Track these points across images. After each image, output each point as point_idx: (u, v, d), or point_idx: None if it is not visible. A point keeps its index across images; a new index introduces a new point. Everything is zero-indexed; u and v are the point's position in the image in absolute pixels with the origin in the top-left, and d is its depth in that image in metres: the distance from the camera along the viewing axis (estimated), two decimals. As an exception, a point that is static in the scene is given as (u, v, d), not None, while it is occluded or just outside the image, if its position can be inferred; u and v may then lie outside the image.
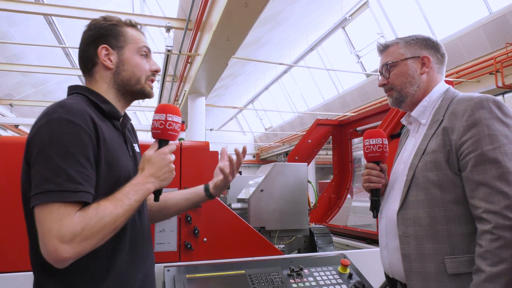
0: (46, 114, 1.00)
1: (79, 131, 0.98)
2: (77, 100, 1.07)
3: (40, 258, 0.95)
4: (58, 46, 9.23)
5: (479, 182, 1.15)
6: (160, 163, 1.10)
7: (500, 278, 1.07)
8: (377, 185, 1.46)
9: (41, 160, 0.95)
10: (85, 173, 0.97)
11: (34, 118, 4.85)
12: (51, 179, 0.92)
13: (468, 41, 8.38)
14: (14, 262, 1.46)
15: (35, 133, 0.99)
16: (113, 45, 1.17)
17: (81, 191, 0.95)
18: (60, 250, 0.89)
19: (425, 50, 1.41)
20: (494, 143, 1.14)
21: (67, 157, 0.95)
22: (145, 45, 1.22)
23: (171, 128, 1.14)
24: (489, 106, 1.19)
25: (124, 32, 1.19)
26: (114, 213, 0.97)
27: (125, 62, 1.18)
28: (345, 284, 1.65)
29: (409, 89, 1.41)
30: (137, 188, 1.04)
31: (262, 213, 2.01)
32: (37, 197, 0.92)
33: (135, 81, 1.19)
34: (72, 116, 0.98)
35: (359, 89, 12.52)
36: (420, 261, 1.25)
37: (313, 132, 3.26)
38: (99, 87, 1.17)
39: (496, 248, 1.08)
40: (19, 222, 1.45)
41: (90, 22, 1.20)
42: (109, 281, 1.05)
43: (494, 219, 1.10)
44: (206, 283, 1.54)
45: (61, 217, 0.91)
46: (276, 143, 19.83)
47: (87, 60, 1.18)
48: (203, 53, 6.05)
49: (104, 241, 0.98)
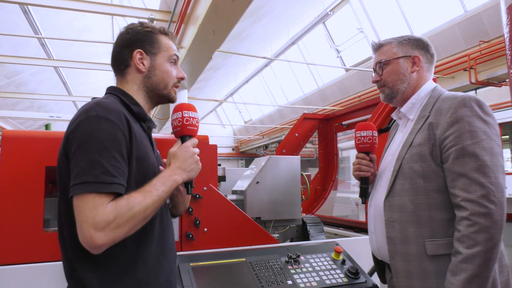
0: (84, 111, 1.07)
1: (115, 128, 1.05)
2: (112, 100, 1.14)
3: (77, 244, 1.01)
4: (34, 37, 8.93)
5: (459, 173, 1.27)
6: (185, 155, 1.17)
7: (475, 259, 1.19)
8: (366, 174, 1.58)
9: (80, 154, 1.01)
10: (118, 166, 1.03)
11: (7, 110, 4.76)
12: (89, 171, 0.99)
13: (443, 38, 8.68)
14: (25, 254, 1.49)
15: (74, 129, 1.05)
16: (148, 51, 1.24)
17: (115, 183, 1.01)
18: (94, 237, 0.96)
19: (416, 50, 1.52)
20: (474, 138, 1.26)
21: (103, 151, 1.01)
22: (175, 53, 1.30)
23: (189, 123, 1.21)
24: (471, 104, 1.31)
25: (159, 40, 1.26)
26: (143, 203, 1.04)
27: (157, 68, 1.25)
28: (339, 269, 1.76)
29: (400, 86, 1.51)
30: (165, 180, 1.11)
31: (258, 204, 2.09)
32: (75, 187, 0.99)
33: (163, 86, 1.27)
34: (108, 114, 1.05)
35: (338, 83, 12.74)
36: (404, 243, 1.37)
37: (300, 126, 3.35)
38: (129, 88, 1.24)
39: (472, 233, 1.21)
40: (25, 213, 1.50)
41: (128, 26, 1.27)
42: (139, 271, 1.12)
43: (471, 207, 1.22)
44: (211, 271, 1.61)
45: (96, 206, 0.98)
46: (256, 136, 19.93)
47: (121, 61, 1.25)
48: (187, 46, 6.04)
49: (135, 229, 1.05)
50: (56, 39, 9.26)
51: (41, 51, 10.18)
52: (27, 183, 1.52)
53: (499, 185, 1.23)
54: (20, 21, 9.03)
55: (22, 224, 1.49)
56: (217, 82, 16.55)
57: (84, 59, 10.94)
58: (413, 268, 1.34)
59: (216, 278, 1.59)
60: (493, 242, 1.19)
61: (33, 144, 1.55)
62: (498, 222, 1.20)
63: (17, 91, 13.00)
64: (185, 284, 1.50)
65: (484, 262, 1.19)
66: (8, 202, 1.50)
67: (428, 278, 1.31)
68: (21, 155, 1.54)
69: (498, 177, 1.23)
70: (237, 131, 22.60)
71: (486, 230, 1.19)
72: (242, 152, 22.73)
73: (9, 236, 1.48)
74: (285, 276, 1.64)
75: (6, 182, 1.50)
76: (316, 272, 1.71)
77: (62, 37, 9.78)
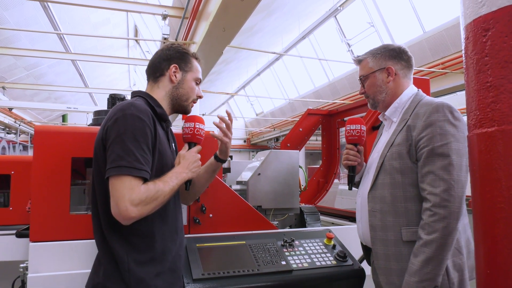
0: (121, 110, 1.32)
1: (145, 126, 1.31)
2: (141, 102, 1.41)
3: (108, 217, 1.28)
4: (53, 32, 9.24)
5: (428, 170, 1.45)
6: (191, 159, 1.44)
7: (432, 243, 1.39)
8: (353, 163, 1.78)
9: (117, 143, 1.26)
10: (146, 157, 1.29)
11: (27, 101, 5.25)
12: (124, 157, 1.25)
13: (454, 33, 8.66)
14: (54, 233, 1.72)
15: (113, 123, 1.30)
16: (182, 67, 1.53)
17: (144, 170, 1.27)
18: (129, 210, 1.22)
19: (389, 61, 1.68)
20: (443, 140, 1.44)
21: (135, 143, 1.27)
22: (200, 77, 1.58)
23: (198, 133, 1.50)
24: (443, 110, 1.49)
25: (192, 61, 1.56)
26: (164, 189, 1.31)
27: (185, 82, 1.54)
28: (329, 253, 1.95)
29: (379, 96, 1.70)
30: (177, 175, 1.38)
31: (259, 194, 2.30)
32: (112, 170, 1.25)
33: (186, 98, 1.55)
34: (140, 114, 1.31)
35: (349, 77, 12.77)
36: (383, 230, 1.56)
37: (304, 121, 3.51)
38: (158, 93, 1.51)
39: (432, 222, 1.40)
40: (55, 198, 1.72)
41: (169, 44, 1.56)
42: (156, 242, 1.38)
43: (434, 199, 1.41)
44: (213, 251, 1.83)
45: (133, 186, 1.23)
46: (267, 128, 20.07)
47: (158, 70, 1.52)
48: (199, 41, 6.23)
49: (156, 209, 1.31)
50: (73, 34, 9.56)
51: (59, 44, 10.49)
52: (56, 172, 1.73)
53: (460, 182, 1.41)
54: (40, 15, 9.35)
55: (52, 207, 1.72)
56: (229, 75, 16.73)
57: (100, 52, 11.24)
58: (391, 252, 1.53)
59: (219, 257, 1.81)
60: (448, 230, 1.38)
61: (61, 137, 1.76)
62: (454, 214, 1.39)
63: (36, 83, 13.43)
64: (192, 261, 1.72)
65: (440, 246, 1.38)
66: (41, 188, 1.71)
67: (403, 261, 1.50)
68: (51, 147, 1.76)
69: (460, 175, 1.42)
70: (249, 123, 22.79)
71: (443, 220, 1.38)
72: (253, 144, 22.93)
73: (42, 218, 1.70)
74: (280, 258, 1.85)
75: (38, 171, 1.72)
76: (308, 255, 1.92)
77: (80, 30, 10.09)
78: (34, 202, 1.71)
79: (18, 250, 2.14)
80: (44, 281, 1.64)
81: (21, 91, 13.65)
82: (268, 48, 11.05)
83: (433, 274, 1.38)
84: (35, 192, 1.71)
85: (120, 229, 1.32)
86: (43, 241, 1.69)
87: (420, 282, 1.39)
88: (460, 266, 1.48)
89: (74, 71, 13.31)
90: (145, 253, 1.36)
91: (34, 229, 1.69)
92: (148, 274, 1.34)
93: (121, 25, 13.81)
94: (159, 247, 1.39)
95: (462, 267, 1.49)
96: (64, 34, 9.44)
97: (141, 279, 1.32)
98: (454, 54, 8.76)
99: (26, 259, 1.72)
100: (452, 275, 1.45)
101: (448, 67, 8.75)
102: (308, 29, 13.05)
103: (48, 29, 9.73)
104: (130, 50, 16.30)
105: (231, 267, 1.73)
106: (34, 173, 1.72)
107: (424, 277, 1.39)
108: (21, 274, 1.76)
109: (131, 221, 1.26)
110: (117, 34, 13.62)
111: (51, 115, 18.65)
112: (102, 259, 1.37)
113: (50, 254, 1.68)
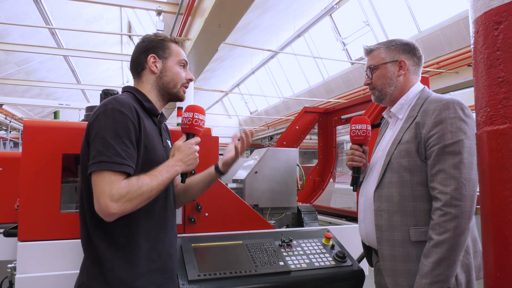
0: (103, 105, 1.27)
1: (126, 120, 1.25)
2: (126, 96, 1.34)
3: (93, 214, 1.23)
4: (45, 27, 9.08)
5: (439, 169, 1.41)
6: (187, 151, 1.36)
7: (444, 244, 1.35)
8: (358, 164, 1.71)
9: (98, 139, 1.22)
10: (128, 151, 1.23)
11: (18, 97, 5.21)
12: (104, 152, 1.20)
13: (449, 33, 8.69)
14: (44, 232, 1.65)
15: (94, 119, 1.26)
16: (160, 55, 1.44)
17: (125, 164, 1.22)
18: (109, 206, 1.17)
19: (403, 55, 1.64)
20: (455, 138, 1.40)
21: (116, 138, 1.21)
22: (184, 58, 1.49)
23: (197, 124, 1.41)
24: (454, 107, 1.44)
25: (169, 46, 1.46)
26: (149, 184, 1.24)
27: (167, 70, 1.45)
28: (328, 253, 1.91)
29: (388, 89, 1.65)
30: (168, 169, 1.30)
31: (256, 192, 2.25)
32: (93, 166, 1.20)
33: (173, 85, 1.47)
34: (122, 107, 1.25)
35: (344, 76, 12.78)
36: (390, 230, 1.51)
37: (301, 119, 3.47)
38: (144, 87, 1.45)
39: (443, 221, 1.36)
40: (44, 196, 1.65)
41: (144, 36, 1.49)
42: (142, 240, 1.32)
43: (444, 198, 1.37)
44: (209, 251, 1.78)
45: (112, 181, 1.18)
46: (261, 126, 20.03)
47: (138, 65, 1.46)
48: (194, 38, 6.16)
49: (142, 205, 1.24)
50: (65, 29, 9.40)
51: (51, 40, 10.34)
52: (46, 169, 1.67)
53: (471, 181, 1.38)
54: (31, 10, 9.19)
55: (42, 205, 1.65)
56: (223, 72, 16.64)
57: (93, 48, 11.08)
58: (398, 252, 1.49)
59: (215, 257, 1.75)
60: (460, 230, 1.34)
61: (52, 133, 1.69)
62: (466, 213, 1.35)
63: (27, 79, 13.23)
64: (187, 262, 1.67)
65: (451, 247, 1.34)
66: (30, 186, 1.65)
67: (410, 262, 1.46)
68: (40, 143, 1.69)
69: (471, 174, 1.38)
70: (243, 121, 22.73)
71: (455, 219, 1.34)
72: (247, 143, 22.84)
73: (31, 216, 1.64)
74: (278, 258, 1.80)
75: (27, 168, 1.65)
76: (307, 255, 1.87)
77: (72, 26, 9.93)
78: (23, 200, 1.64)
79: (6, 250, 2.06)
80: (32, 282, 1.57)
81: (12, 87, 13.43)
82: (263, 46, 10.98)
83: (445, 275, 1.35)
84: (24, 190, 1.65)
85: (104, 227, 1.27)
86: (32, 240, 1.63)
87: (431, 284, 1.35)
88: (467, 267, 1.45)
89: (66, 67, 13.12)
90: (130, 252, 1.30)
91: (23, 228, 1.63)
92: (132, 274, 1.28)
93: (114, 21, 13.63)
94: (144, 246, 1.32)
95: (469, 267, 1.45)
96: (56, 29, 9.29)
97: (124, 279, 1.27)
98: (449, 54, 8.79)
99: (14, 259, 1.66)
100: (459, 275, 1.41)
101: (443, 66, 8.78)
102: (303, 27, 13.02)
103: (40, 24, 9.54)
104: (124, 47, 16.10)
105: (228, 268, 1.68)
106: (23, 169, 1.65)
107: (436, 278, 1.35)
108: (8, 274, 1.69)
109: (113, 218, 1.20)
110: (111, 30, 13.44)
111: (43, 112, 18.40)
112: (87, 258, 1.32)
113: (39, 254, 1.62)
